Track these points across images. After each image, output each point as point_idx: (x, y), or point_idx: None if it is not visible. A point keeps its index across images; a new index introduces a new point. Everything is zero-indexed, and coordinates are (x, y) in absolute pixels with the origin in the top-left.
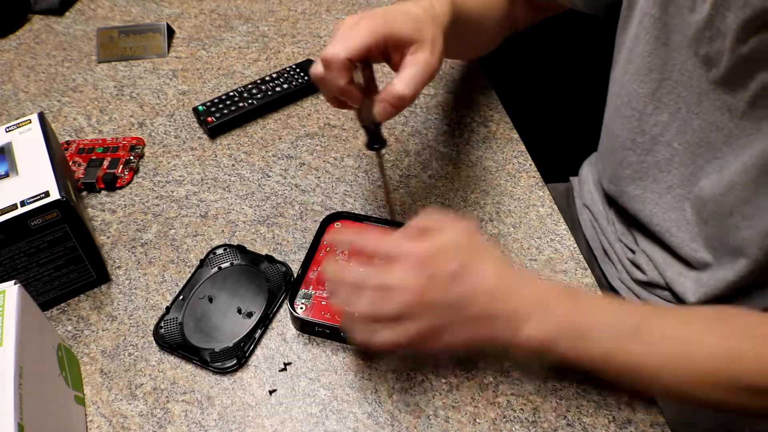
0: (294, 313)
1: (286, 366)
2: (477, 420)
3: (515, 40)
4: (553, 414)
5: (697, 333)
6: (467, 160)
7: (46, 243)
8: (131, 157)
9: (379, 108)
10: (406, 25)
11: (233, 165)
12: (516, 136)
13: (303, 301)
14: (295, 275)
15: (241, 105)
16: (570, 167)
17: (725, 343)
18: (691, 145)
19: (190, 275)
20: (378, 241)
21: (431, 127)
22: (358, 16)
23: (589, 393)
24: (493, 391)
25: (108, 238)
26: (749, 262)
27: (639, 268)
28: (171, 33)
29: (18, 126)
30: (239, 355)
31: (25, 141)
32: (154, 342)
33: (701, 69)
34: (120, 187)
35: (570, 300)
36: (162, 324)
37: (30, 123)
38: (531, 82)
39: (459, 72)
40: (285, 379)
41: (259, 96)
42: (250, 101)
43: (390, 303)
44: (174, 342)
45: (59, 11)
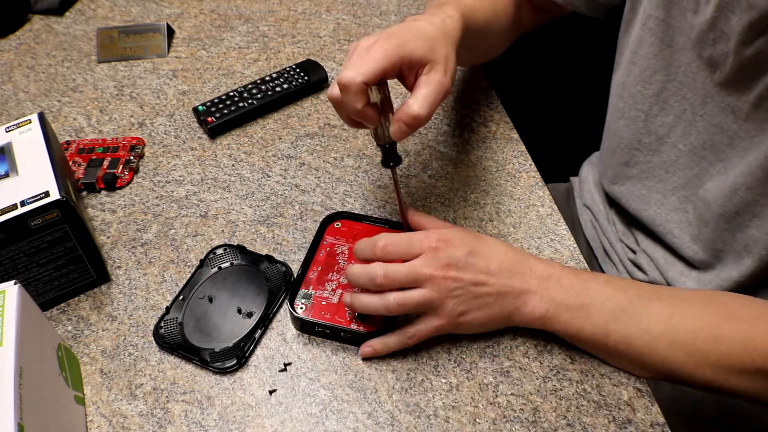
0: (294, 313)
1: (286, 366)
2: (477, 420)
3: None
4: (553, 414)
5: (687, 313)
6: (467, 160)
7: (46, 243)
8: (131, 157)
9: (395, 128)
10: (420, 46)
11: (233, 165)
12: (516, 136)
13: (303, 301)
14: (295, 275)
15: (241, 105)
16: (570, 167)
17: (712, 323)
18: (696, 147)
19: (190, 275)
20: (392, 241)
21: (431, 127)
22: (373, 37)
23: (589, 393)
24: (493, 391)
25: (108, 238)
26: (755, 261)
27: (640, 268)
28: (171, 33)
29: (18, 126)
30: (239, 355)
31: (25, 141)
32: (154, 342)
33: (705, 71)
34: (120, 187)
35: (570, 277)
36: (162, 324)
37: (30, 123)
38: (531, 82)
39: (459, 72)
40: (285, 379)
41: (259, 96)
42: (250, 101)
43: (416, 292)
44: (174, 342)
45: (59, 11)
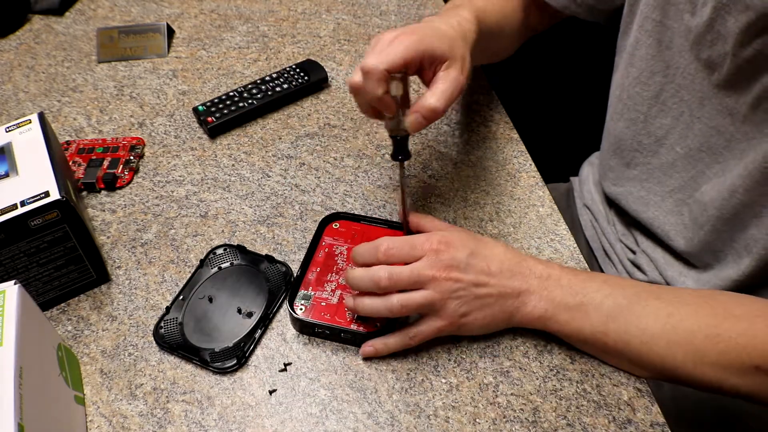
0: (294, 315)
1: (286, 366)
2: (477, 420)
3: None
4: (553, 414)
5: (686, 312)
6: (467, 160)
7: (46, 243)
8: (131, 157)
9: (412, 118)
10: (440, 44)
11: (233, 165)
12: (516, 136)
13: (302, 302)
14: (295, 276)
15: (241, 105)
16: (570, 167)
17: (711, 322)
18: (692, 150)
19: (190, 275)
20: (394, 245)
21: (431, 127)
22: (395, 31)
23: (589, 393)
24: (493, 391)
25: (108, 238)
26: (753, 260)
27: (639, 268)
28: (171, 33)
29: (18, 126)
30: (239, 355)
31: (25, 141)
32: (154, 342)
33: (703, 73)
34: (120, 187)
35: (569, 277)
36: (162, 324)
37: (30, 123)
38: (531, 82)
39: None
40: (285, 379)
41: (259, 96)
42: (250, 101)
43: (418, 294)
44: (174, 342)
45: (59, 11)
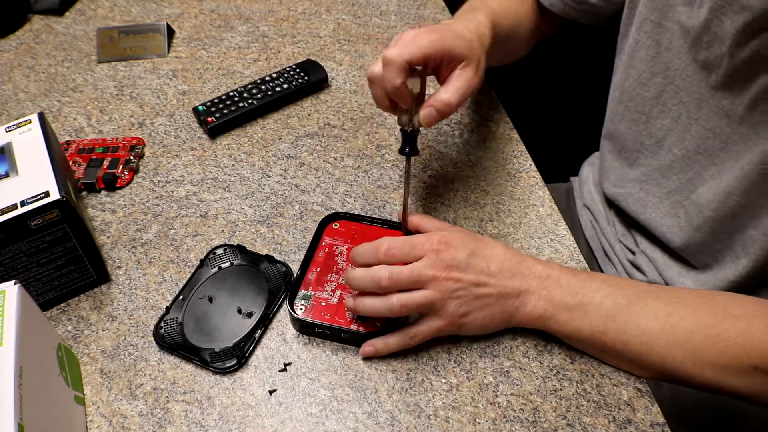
0: (293, 315)
1: (286, 366)
2: (477, 420)
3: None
4: (553, 414)
5: (685, 312)
6: (467, 160)
7: (46, 243)
8: (131, 157)
9: (426, 112)
10: (460, 44)
11: (233, 165)
12: (516, 136)
13: (302, 302)
14: (295, 276)
15: (241, 105)
16: (570, 167)
17: (710, 322)
18: (689, 152)
19: (190, 275)
20: (395, 244)
21: (431, 127)
22: (417, 29)
23: (589, 393)
24: (493, 391)
25: (108, 238)
26: (751, 261)
27: (639, 269)
28: (171, 33)
29: (18, 126)
30: (239, 355)
31: (25, 141)
32: (154, 342)
33: (700, 74)
34: (120, 187)
35: (569, 277)
36: (162, 324)
37: (30, 123)
38: (531, 82)
39: None
40: (285, 379)
41: (259, 96)
42: (250, 101)
43: (419, 294)
44: (174, 342)
45: (59, 11)
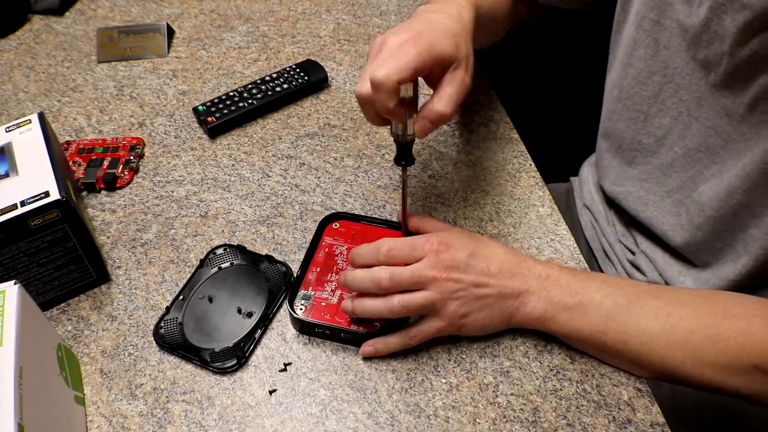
0: (293, 315)
1: (286, 366)
2: (477, 420)
3: (515, 39)
4: (553, 414)
5: (685, 312)
6: (467, 160)
7: (46, 243)
8: (131, 157)
9: (420, 125)
10: (449, 45)
11: (233, 165)
12: (516, 136)
13: (302, 302)
14: (295, 276)
15: (241, 105)
16: (570, 167)
17: (710, 321)
18: (690, 150)
19: (190, 275)
20: (395, 245)
21: None
22: (401, 34)
23: (589, 393)
24: (493, 391)
25: (108, 238)
26: (751, 260)
27: (639, 269)
28: (171, 33)
29: (18, 126)
30: (239, 355)
31: (25, 141)
32: (154, 342)
33: (700, 73)
34: (120, 187)
35: (568, 277)
36: (162, 324)
37: (30, 123)
38: (531, 82)
39: None
40: (285, 379)
41: (259, 96)
42: (250, 101)
43: (419, 294)
44: (174, 342)
45: (59, 11)
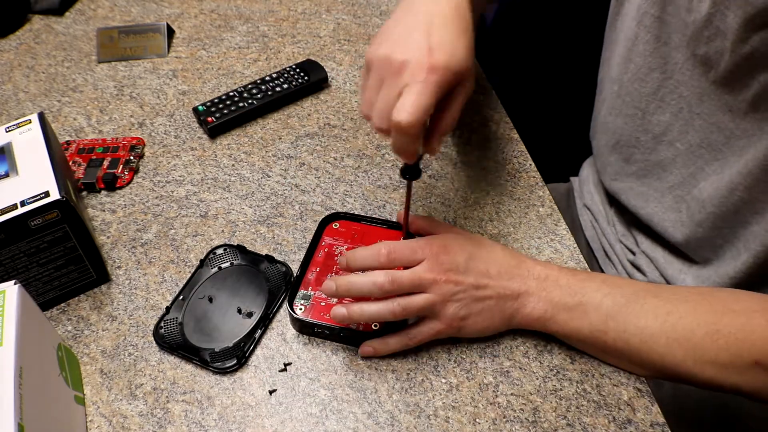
0: (293, 315)
1: (286, 366)
2: (477, 420)
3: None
4: (553, 414)
5: (685, 309)
6: (467, 160)
7: (46, 243)
8: (131, 157)
9: (435, 145)
10: (461, 65)
11: (233, 165)
12: (516, 136)
13: (302, 302)
14: (295, 276)
15: (241, 105)
16: (570, 167)
17: (710, 318)
18: (693, 146)
19: (190, 275)
20: (395, 249)
21: None
22: (415, 53)
23: (589, 393)
24: (493, 391)
25: (108, 238)
26: (751, 257)
27: (639, 269)
28: (171, 33)
29: (18, 126)
30: (239, 355)
31: (25, 141)
32: (154, 342)
33: (700, 69)
34: (120, 187)
35: (568, 278)
36: (162, 324)
37: (30, 123)
38: (531, 82)
39: None
40: (285, 379)
41: (259, 96)
42: (250, 101)
43: (419, 297)
44: (174, 342)
45: (59, 11)
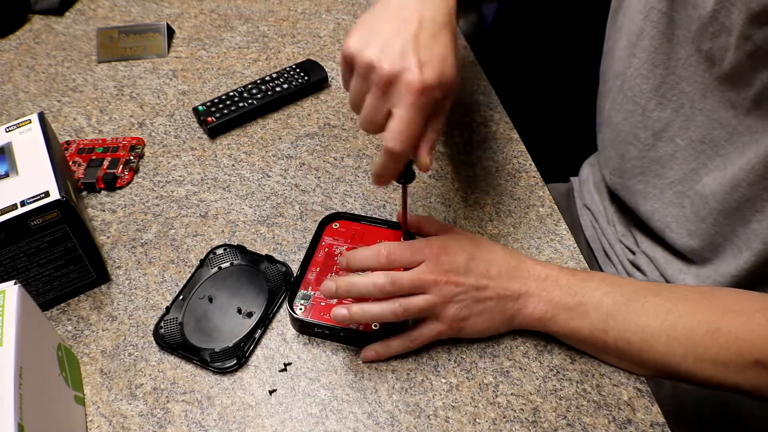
0: (293, 315)
1: (286, 366)
2: (477, 420)
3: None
4: (553, 414)
5: (685, 308)
6: (467, 160)
7: (46, 243)
8: (131, 157)
9: (428, 159)
10: (455, 78)
11: (233, 165)
12: (516, 136)
13: (302, 302)
14: (295, 276)
15: (241, 105)
16: (570, 167)
17: (710, 318)
18: (694, 142)
19: (190, 275)
20: (395, 250)
21: None
22: (414, 81)
23: (589, 393)
24: (493, 391)
25: (108, 238)
26: (753, 255)
27: (639, 269)
28: (171, 33)
29: (18, 126)
30: (239, 355)
31: (25, 141)
32: (154, 342)
33: (704, 65)
34: (120, 187)
35: (568, 278)
36: (162, 324)
37: (30, 123)
38: (531, 82)
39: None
40: (285, 379)
41: (259, 96)
42: (250, 101)
43: (419, 298)
44: (174, 342)
45: (59, 11)
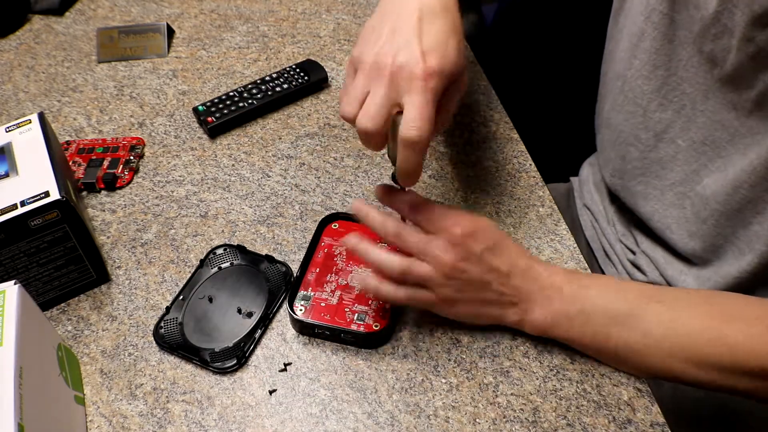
0: (293, 316)
1: (286, 366)
2: (477, 420)
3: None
4: (553, 414)
5: (688, 315)
6: (467, 160)
7: (46, 243)
8: (131, 157)
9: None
10: (458, 65)
11: (233, 165)
12: (516, 136)
13: (302, 303)
14: (295, 276)
15: (241, 105)
16: (570, 167)
17: (713, 324)
18: (695, 143)
19: (190, 275)
20: (423, 214)
21: None
22: (417, 69)
23: (589, 393)
24: (493, 391)
25: (108, 238)
26: (754, 257)
27: (639, 269)
28: (171, 33)
29: (18, 126)
30: (239, 355)
31: (25, 141)
32: (154, 342)
33: (705, 66)
34: (120, 187)
35: (571, 285)
36: (162, 324)
37: (30, 123)
38: (531, 82)
39: None
40: (285, 379)
41: (259, 96)
42: (250, 101)
43: (421, 267)
44: (174, 342)
45: (59, 11)
